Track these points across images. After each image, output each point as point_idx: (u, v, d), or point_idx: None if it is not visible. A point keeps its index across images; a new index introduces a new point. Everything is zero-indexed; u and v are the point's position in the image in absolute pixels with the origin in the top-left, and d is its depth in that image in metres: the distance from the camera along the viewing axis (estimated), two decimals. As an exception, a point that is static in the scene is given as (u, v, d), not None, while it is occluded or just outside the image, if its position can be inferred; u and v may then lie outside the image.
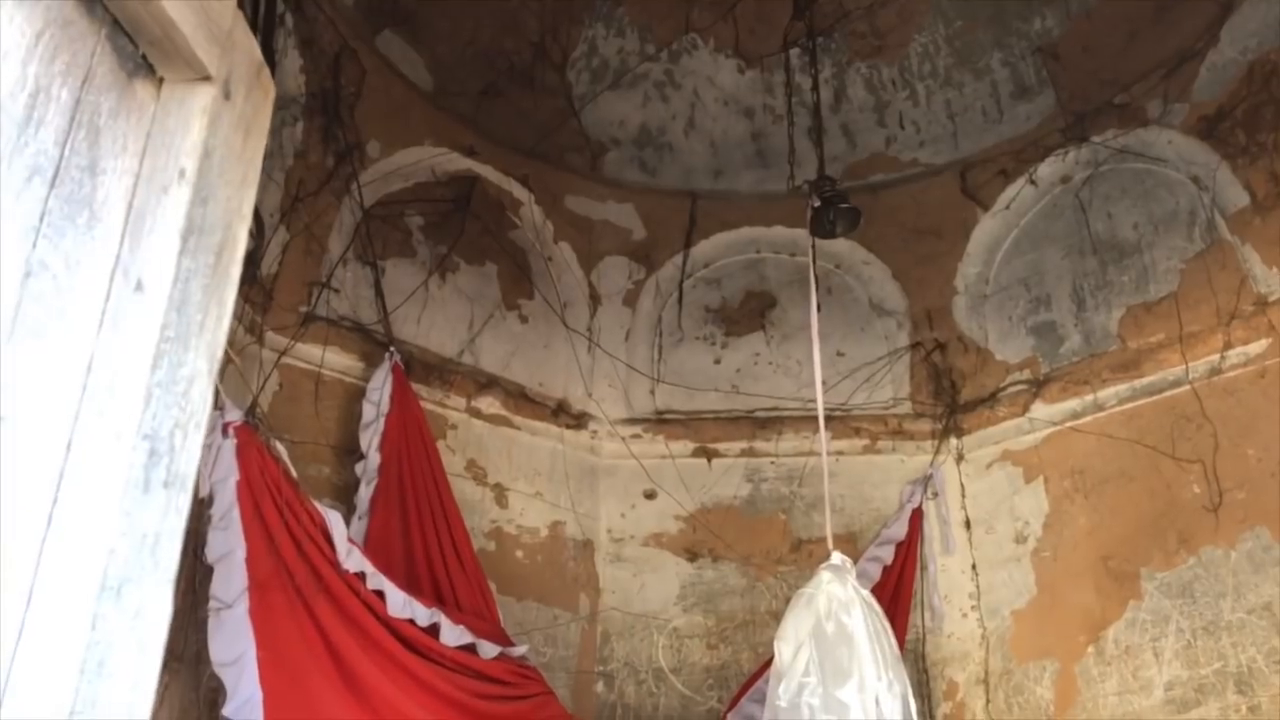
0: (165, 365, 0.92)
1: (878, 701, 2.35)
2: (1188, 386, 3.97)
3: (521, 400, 4.47)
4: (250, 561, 2.62)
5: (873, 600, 2.57)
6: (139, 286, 0.92)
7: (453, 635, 3.00)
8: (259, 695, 2.56)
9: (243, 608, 2.57)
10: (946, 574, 4.35)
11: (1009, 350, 4.60)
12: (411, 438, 3.61)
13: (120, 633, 0.82)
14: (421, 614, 2.94)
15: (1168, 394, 4.04)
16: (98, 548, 0.82)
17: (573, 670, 4.28)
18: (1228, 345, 3.87)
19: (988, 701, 4.18)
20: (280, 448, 2.91)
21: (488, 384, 4.38)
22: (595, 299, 4.84)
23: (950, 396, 4.59)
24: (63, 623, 0.78)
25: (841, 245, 4.53)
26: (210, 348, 1.00)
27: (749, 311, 4.98)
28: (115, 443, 0.86)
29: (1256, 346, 3.85)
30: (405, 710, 2.83)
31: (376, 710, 2.78)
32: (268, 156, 1.13)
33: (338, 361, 3.92)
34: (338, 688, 2.68)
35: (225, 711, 2.63)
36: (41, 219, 0.85)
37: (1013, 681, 4.14)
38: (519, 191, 4.66)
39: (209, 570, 2.68)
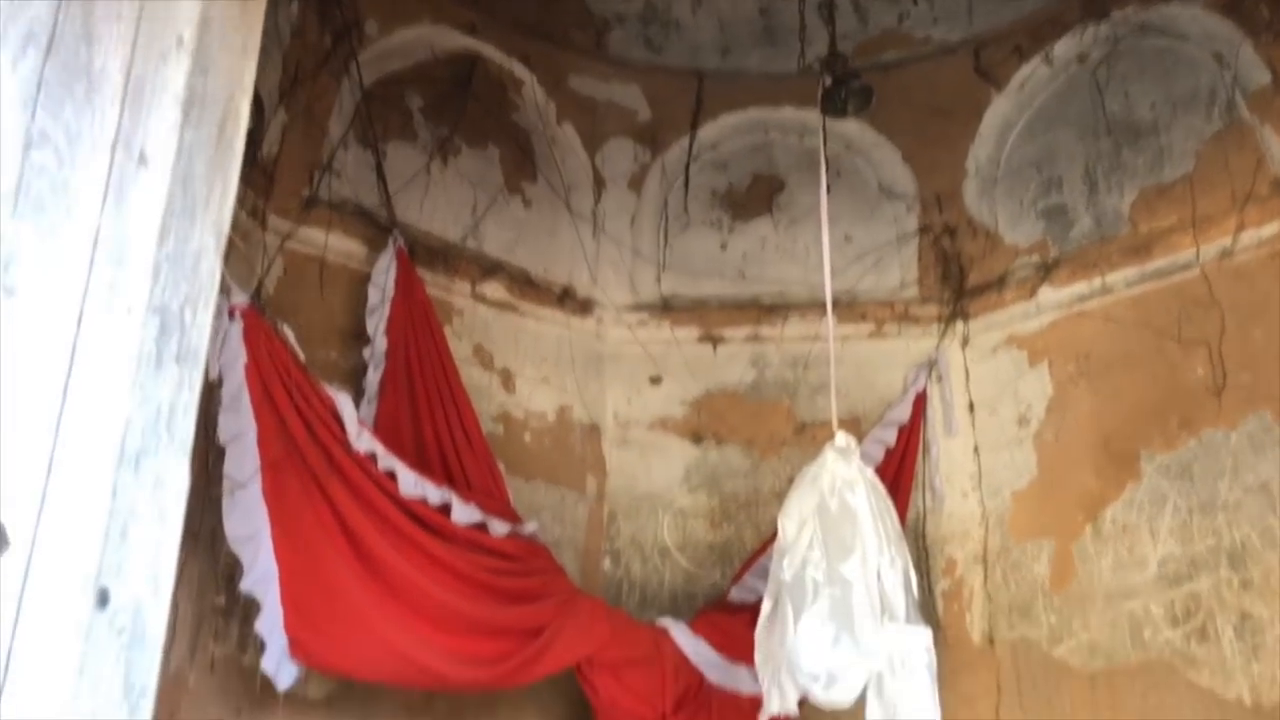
0: (172, 240, 0.91)
1: (879, 576, 2.41)
2: (1197, 270, 3.94)
3: (526, 286, 4.47)
4: (262, 442, 2.67)
5: (876, 479, 2.61)
6: (142, 159, 0.91)
7: (464, 514, 3.07)
8: (275, 570, 2.64)
9: (256, 487, 2.63)
10: (948, 456, 4.41)
11: (1018, 234, 4.56)
12: (418, 322, 3.62)
13: (141, 502, 0.84)
14: (433, 493, 3.00)
15: (1177, 278, 4.02)
16: (114, 420, 0.83)
17: (580, 548, 4.39)
18: (1240, 228, 3.83)
19: (985, 578, 4.28)
20: (287, 331, 2.92)
21: (492, 269, 4.36)
22: (600, 183, 4.78)
23: (958, 281, 4.57)
24: (84, 492, 0.80)
25: (851, 127, 4.44)
26: (216, 223, 0.99)
27: (756, 195, 4.92)
28: (126, 317, 0.86)
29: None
30: (419, 585, 2.91)
31: (390, 585, 2.86)
32: (264, 35, 1.10)
33: (342, 246, 3.91)
34: (351, 564, 2.75)
35: (243, 585, 2.71)
36: (39, 89, 0.83)
37: (1010, 559, 4.24)
38: (520, 71, 4.55)
39: (222, 451, 2.72)
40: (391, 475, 2.89)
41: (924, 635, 2.41)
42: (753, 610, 3.49)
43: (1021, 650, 4.09)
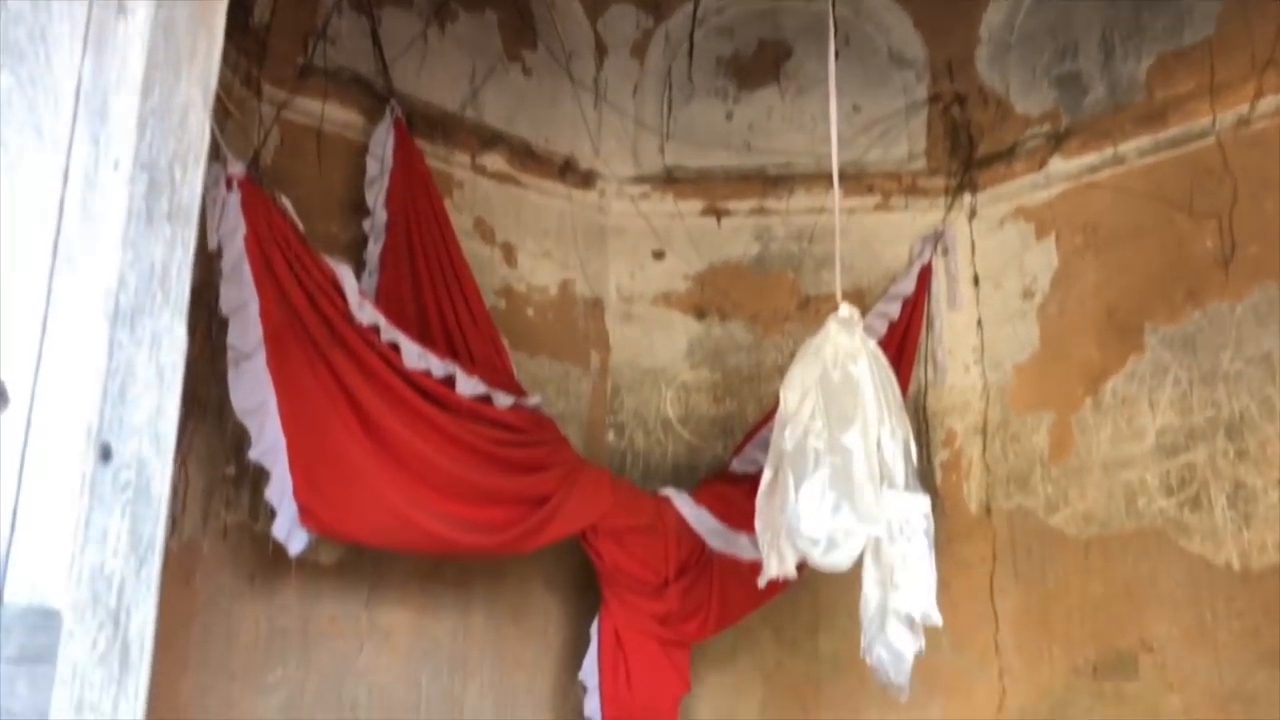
0: (157, 93, 0.88)
1: (880, 445, 2.44)
2: (1212, 139, 3.85)
3: (527, 157, 4.39)
4: (264, 314, 2.66)
5: (878, 351, 2.61)
6: (121, 8, 0.87)
7: (468, 386, 3.08)
8: (282, 440, 2.67)
9: (260, 358, 2.63)
10: (951, 329, 4.41)
11: (1030, 103, 4.44)
12: (417, 194, 3.57)
13: (139, 361, 0.83)
14: (436, 366, 3.01)
15: (1191, 147, 3.93)
16: (106, 278, 0.82)
17: (584, 421, 4.44)
18: (1259, 95, 3.73)
19: (984, 450, 4.34)
20: (285, 202, 2.88)
21: (492, 140, 4.28)
22: (601, 49, 4.65)
23: (967, 151, 4.48)
24: (80, 350, 0.79)
25: (861, -10, 4.30)
26: (203, 77, 0.96)
27: (763, 63, 4.78)
28: (114, 172, 0.84)
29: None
30: (424, 455, 2.95)
31: (397, 455, 2.90)
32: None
33: (338, 116, 3.84)
34: (357, 435, 2.78)
35: (251, 455, 2.76)
36: (9, -72, 0.80)
37: (1010, 431, 4.28)
38: (517, -71, 4.37)
39: (225, 322, 2.73)
40: (395, 347, 2.89)
41: (922, 502, 2.44)
42: (753, 480, 3.53)
43: (1018, 519, 4.18)
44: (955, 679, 4.06)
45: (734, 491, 3.65)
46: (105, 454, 0.76)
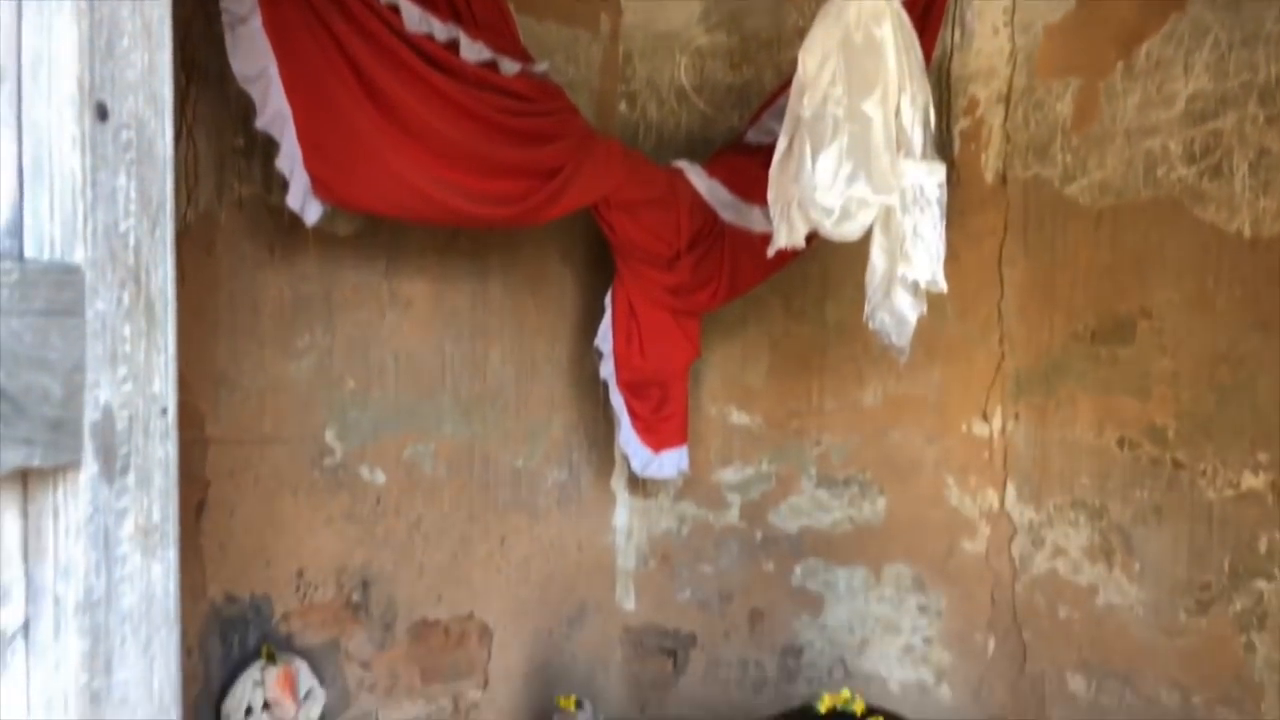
0: None
1: (899, 112, 2.37)
2: None
3: None
4: (256, -29, 2.51)
5: (903, 12, 2.47)
6: None
7: (472, 51, 2.96)
8: (287, 109, 2.61)
9: (256, 21, 2.52)
10: (983, -13, 4.16)
11: None
12: None
13: (122, 15, 0.79)
14: (439, 29, 2.87)
15: None
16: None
17: (595, 90, 4.33)
18: None
19: (1006, 118, 4.24)
20: None
21: None
22: None
23: None
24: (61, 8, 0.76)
25: None
26: None
27: None
28: None
29: None
30: (431, 125, 2.89)
31: (404, 125, 2.84)
32: None
33: None
34: (362, 103, 2.71)
35: (258, 124, 2.71)
36: None
37: (1034, 98, 4.15)
38: None
39: (215, -16, 2.59)
40: (394, 9, 2.74)
41: (939, 171, 2.41)
42: (767, 151, 3.48)
43: (1033, 189, 4.15)
44: (957, 344, 4.22)
45: (748, 163, 3.61)
46: (101, 113, 0.74)
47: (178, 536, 0.81)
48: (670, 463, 3.82)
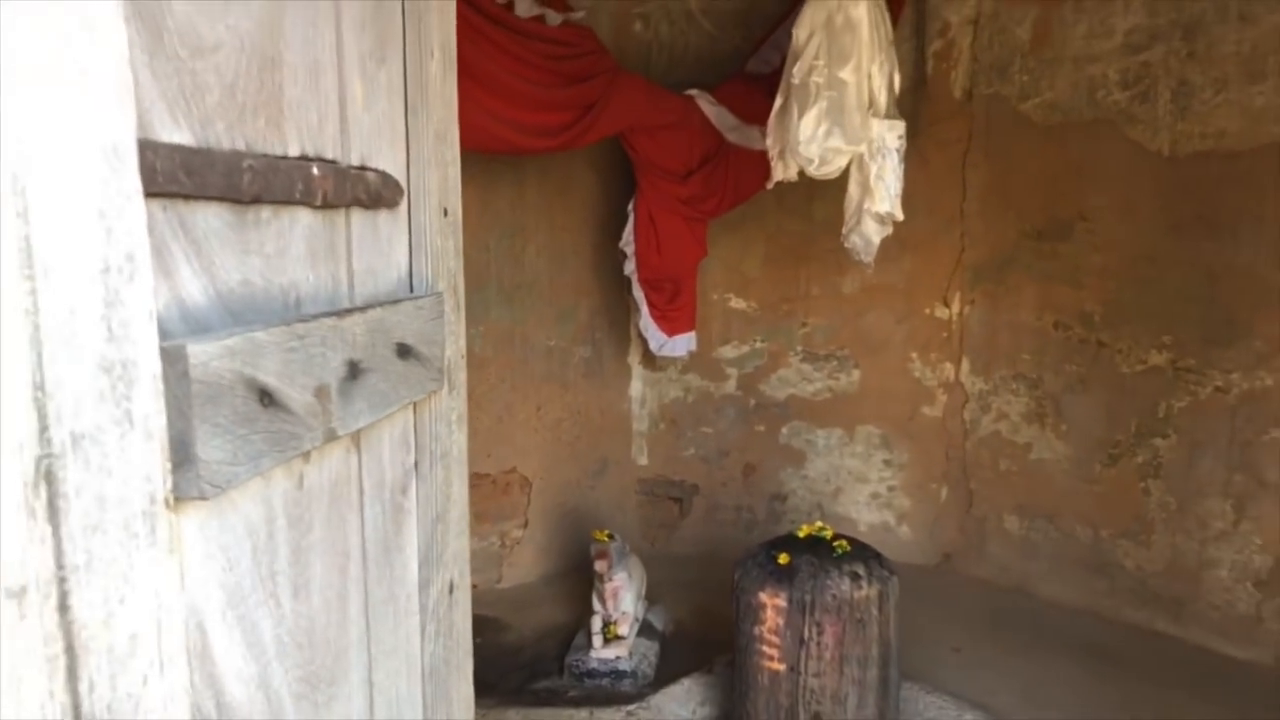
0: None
1: (870, 77, 3.02)
2: None
3: None
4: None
5: (878, -10, 3.08)
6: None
7: (524, 7, 3.56)
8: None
9: None
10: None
11: None
12: None
13: None
14: (497, -9, 3.46)
15: None
16: None
17: (612, 12, 4.87)
18: None
19: (974, 39, 4.82)
20: None
21: None
22: None
23: None
24: None
25: None
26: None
27: None
28: None
29: None
30: (491, 72, 3.48)
31: (470, 73, 3.45)
32: None
33: None
34: None
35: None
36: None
37: (999, 23, 4.74)
38: None
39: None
40: (464, -20, 3.32)
41: (898, 126, 3.07)
42: (766, 80, 4.12)
43: (994, 105, 4.78)
44: (924, 237, 4.90)
45: (750, 90, 4.22)
46: (445, 212, 1.43)
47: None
48: (681, 344, 4.55)
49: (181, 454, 0.83)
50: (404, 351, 1.30)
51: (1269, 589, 3.98)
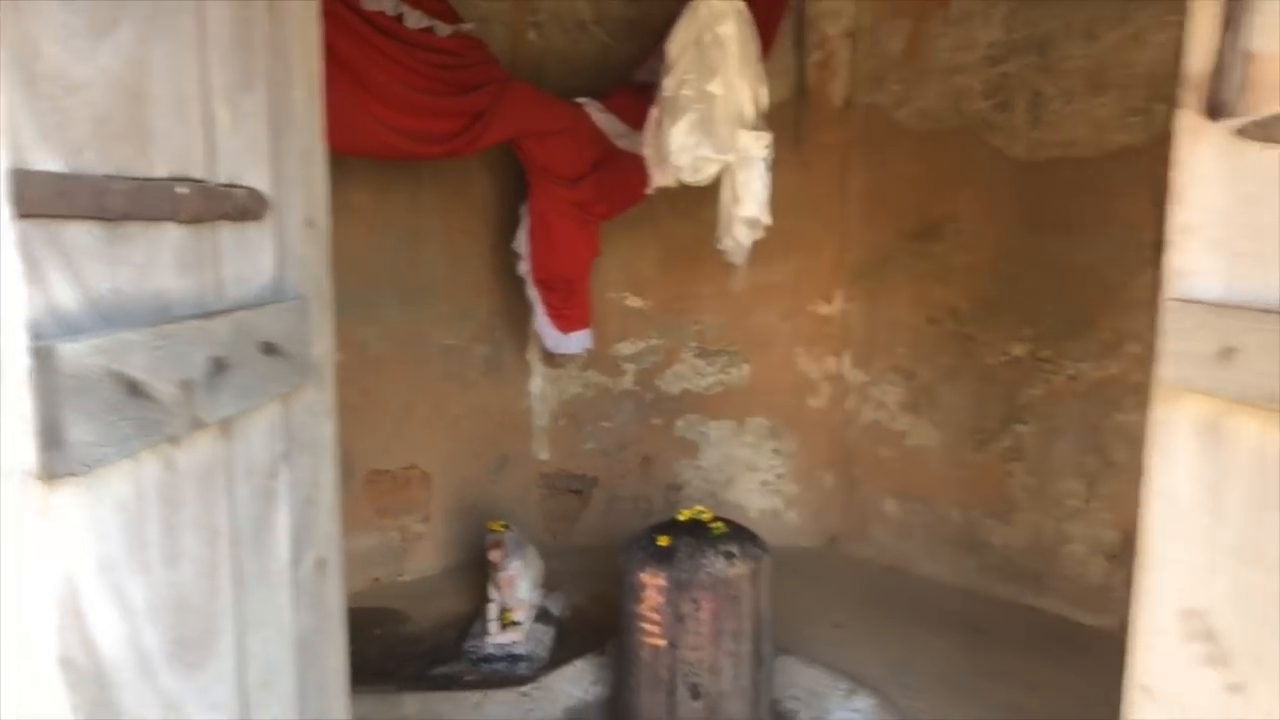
0: None
1: (737, 91, 3.23)
2: None
3: None
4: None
5: (745, 11, 3.29)
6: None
7: (414, 19, 3.70)
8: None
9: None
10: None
11: None
12: None
13: None
14: (388, 4, 3.59)
15: None
16: None
17: (507, 22, 5.01)
18: None
19: (852, 51, 5.09)
20: None
21: None
22: None
23: None
24: None
25: None
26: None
27: None
28: None
29: None
30: (380, 81, 3.60)
31: (356, 78, 3.55)
32: None
33: None
34: (328, 65, 3.41)
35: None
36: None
37: (874, 36, 5.01)
38: None
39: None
40: (354, -9, 3.45)
41: (764, 137, 3.29)
42: (651, 89, 4.31)
43: (871, 113, 5.05)
44: (808, 239, 5.16)
45: (638, 99, 4.38)
46: (310, 224, 1.58)
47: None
48: (576, 342, 4.73)
49: (54, 437, 0.98)
50: (269, 349, 1.45)
51: (1118, 561, 4.32)
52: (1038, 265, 4.49)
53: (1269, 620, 1.39)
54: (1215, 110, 1.44)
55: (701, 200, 5.12)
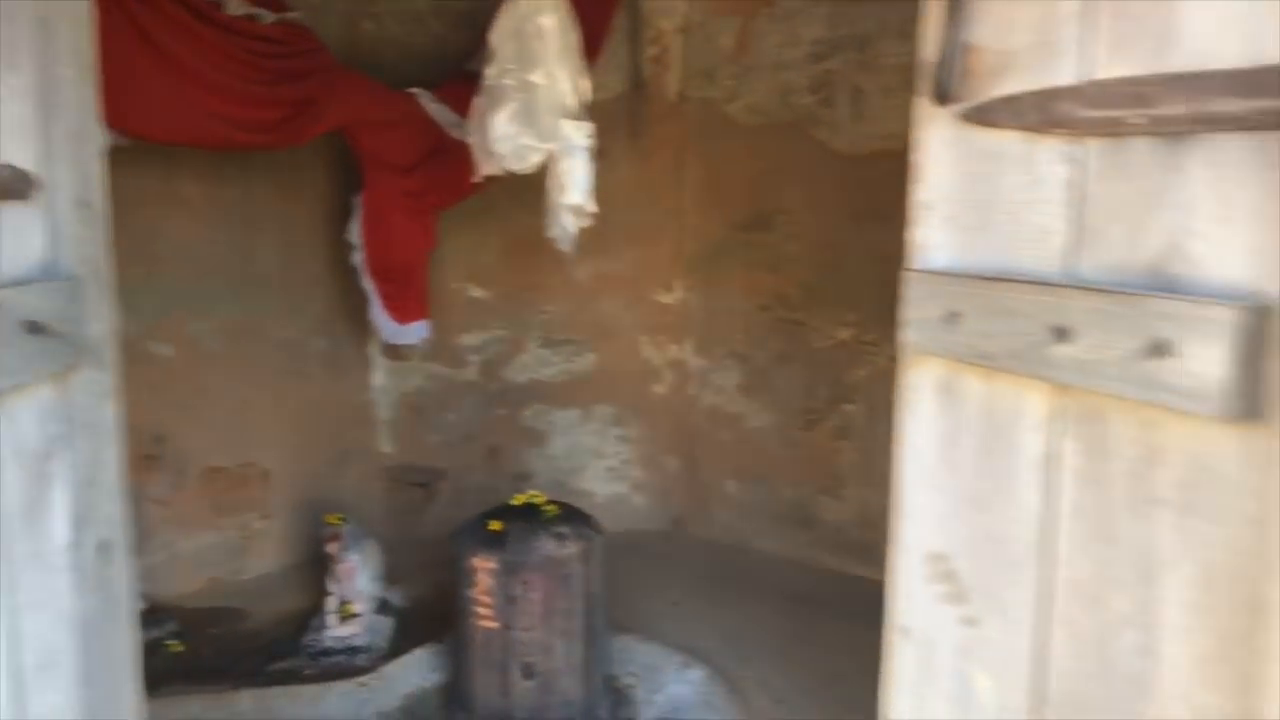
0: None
1: (558, 81, 3.30)
2: None
3: None
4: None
5: (565, 4, 3.36)
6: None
7: (235, 6, 3.63)
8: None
9: None
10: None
11: None
12: None
13: None
14: (206, -11, 3.52)
15: None
16: None
17: (343, 12, 4.96)
18: None
19: (685, 46, 5.23)
20: None
21: None
22: None
23: None
24: None
25: None
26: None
27: None
28: None
29: None
30: (200, 69, 3.53)
31: (176, 66, 3.47)
32: None
33: None
34: (140, 49, 3.31)
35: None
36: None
37: (706, 31, 5.17)
38: None
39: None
40: (166, -27, 3.35)
41: (585, 127, 3.36)
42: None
43: (705, 107, 5.21)
44: (647, 230, 5.29)
45: (468, 89, 4.36)
46: (83, 204, 1.56)
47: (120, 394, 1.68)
48: (414, 332, 4.71)
49: None
50: (35, 329, 1.44)
51: (937, 531, 4.57)
52: (860, 253, 4.70)
53: (994, 557, 1.54)
54: (942, 96, 1.58)
55: (542, 190, 5.21)
